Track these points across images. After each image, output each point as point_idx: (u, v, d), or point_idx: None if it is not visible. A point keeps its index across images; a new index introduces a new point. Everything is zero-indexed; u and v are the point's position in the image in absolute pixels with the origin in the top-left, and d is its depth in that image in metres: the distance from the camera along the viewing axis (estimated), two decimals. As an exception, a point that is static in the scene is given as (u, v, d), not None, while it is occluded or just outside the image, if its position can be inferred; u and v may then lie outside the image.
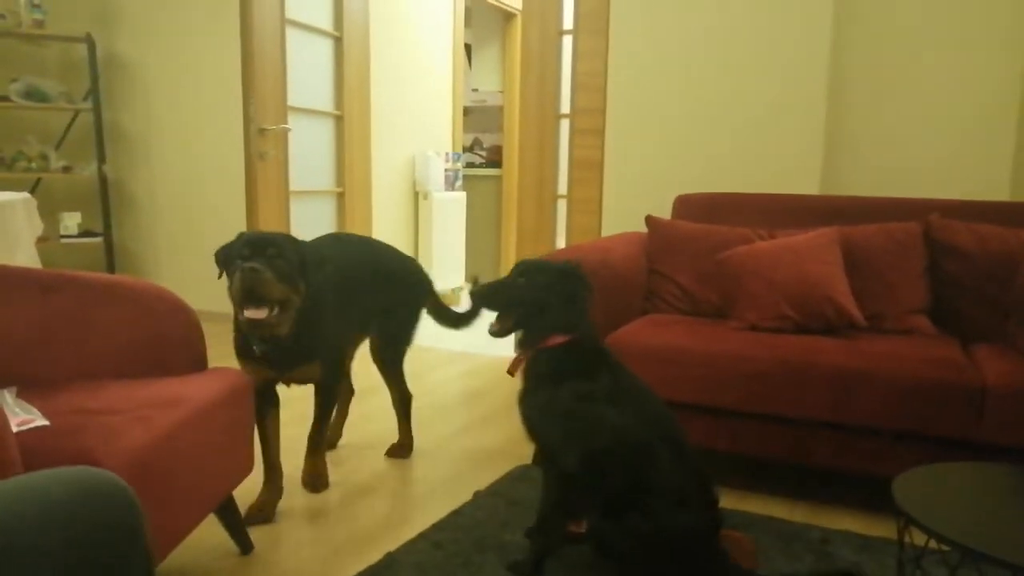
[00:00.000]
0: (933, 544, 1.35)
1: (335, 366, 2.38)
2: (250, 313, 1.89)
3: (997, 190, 3.07)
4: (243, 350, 2.09)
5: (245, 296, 1.89)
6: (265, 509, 2.13)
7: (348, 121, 4.65)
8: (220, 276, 2.00)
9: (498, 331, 1.86)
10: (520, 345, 1.87)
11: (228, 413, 1.74)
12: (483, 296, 1.86)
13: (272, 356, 2.07)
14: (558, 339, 1.80)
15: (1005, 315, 2.44)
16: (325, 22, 4.52)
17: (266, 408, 2.16)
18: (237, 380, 1.80)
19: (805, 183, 3.26)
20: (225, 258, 1.99)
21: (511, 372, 1.88)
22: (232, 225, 4.44)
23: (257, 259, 1.91)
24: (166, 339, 1.82)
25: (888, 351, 2.22)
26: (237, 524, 1.92)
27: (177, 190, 4.76)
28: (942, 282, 2.62)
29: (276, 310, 1.94)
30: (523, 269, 1.87)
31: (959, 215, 2.70)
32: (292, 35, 4.28)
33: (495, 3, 6.22)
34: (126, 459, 1.33)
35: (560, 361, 1.78)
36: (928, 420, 2.08)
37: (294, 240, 2.06)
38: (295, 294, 1.99)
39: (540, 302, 1.82)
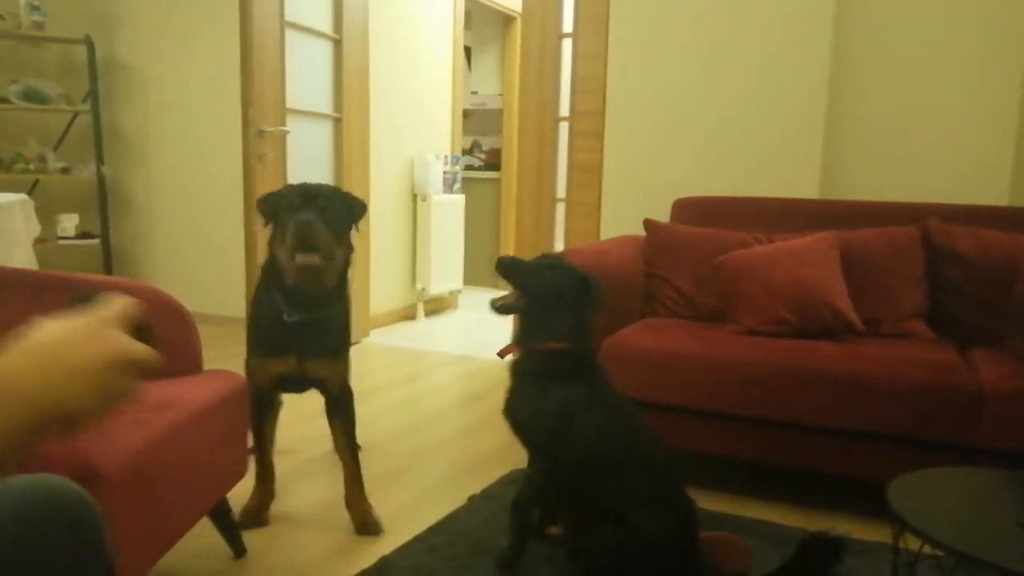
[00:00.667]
0: (928, 549, 1.35)
1: (348, 365, 2.27)
2: (303, 258, 1.90)
3: (997, 195, 3.07)
4: (268, 334, 2.03)
5: (299, 245, 1.90)
6: (259, 512, 2.13)
7: (347, 123, 4.64)
8: (266, 225, 2.03)
9: (503, 307, 1.87)
10: (517, 338, 1.88)
11: (224, 416, 1.73)
12: (508, 268, 1.86)
13: (300, 332, 1.99)
14: (553, 345, 1.82)
15: (1003, 320, 2.44)
16: (324, 25, 4.51)
17: (266, 413, 2.14)
18: (233, 382, 1.80)
19: (804, 187, 3.26)
20: (273, 208, 2.01)
21: (501, 355, 1.90)
22: (230, 227, 4.44)
23: (309, 210, 1.92)
24: (162, 341, 1.81)
25: (886, 355, 2.22)
26: (231, 527, 1.92)
27: (175, 192, 4.76)
28: (940, 287, 2.62)
29: (324, 261, 1.95)
30: (552, 264, 1.87)
31: (958, 220, 2.70)
32: (291, 37, 4.27)
33: (495, 6, 6.22)
34: (121, 461, 1.32)
35: (548, 365, 1.81)
36: (925, 424, 2.08)
37: (342, 191, 2.07)
38: (340, 247, 2.01)
39: (552, 304, 1.83)
